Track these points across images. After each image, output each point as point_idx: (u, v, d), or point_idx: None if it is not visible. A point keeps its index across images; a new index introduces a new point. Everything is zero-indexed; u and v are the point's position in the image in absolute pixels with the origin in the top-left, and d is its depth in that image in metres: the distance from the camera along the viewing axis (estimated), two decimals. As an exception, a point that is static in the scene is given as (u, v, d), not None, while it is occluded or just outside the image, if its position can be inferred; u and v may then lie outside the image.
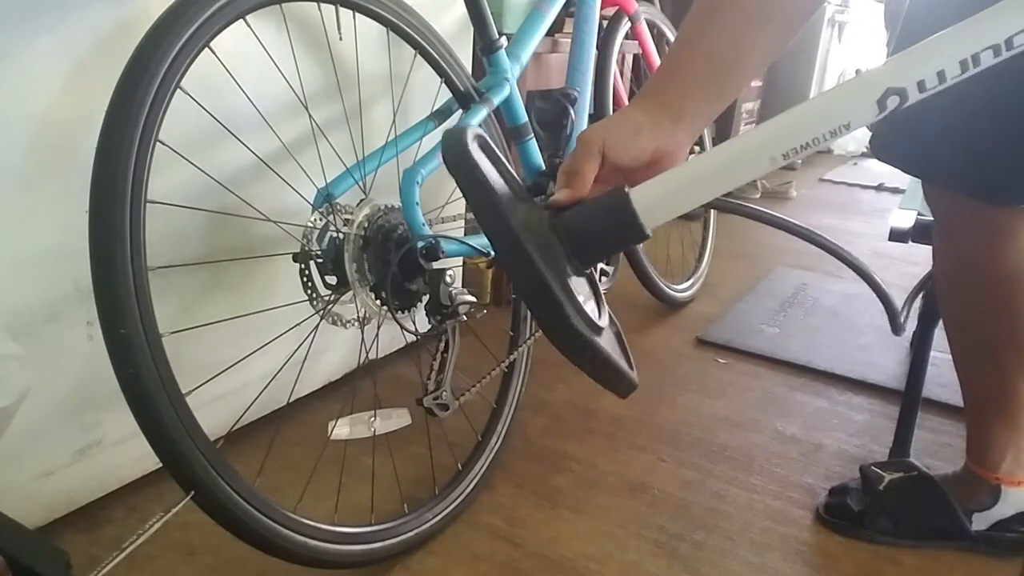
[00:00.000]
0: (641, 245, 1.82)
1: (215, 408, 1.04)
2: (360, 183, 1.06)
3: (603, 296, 0.66)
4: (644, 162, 0.64)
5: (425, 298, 1.06)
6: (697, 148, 2.08)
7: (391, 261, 1.02)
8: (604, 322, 0.60)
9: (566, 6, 1.41)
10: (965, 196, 0.94)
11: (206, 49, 0.85)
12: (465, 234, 1.29)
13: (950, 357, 1.11)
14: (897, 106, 0.52)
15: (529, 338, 1.32)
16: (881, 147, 1.00)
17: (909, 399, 1.29)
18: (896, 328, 1.12)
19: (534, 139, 1.30)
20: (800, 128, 0.54)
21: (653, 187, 0.58)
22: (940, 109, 0.84)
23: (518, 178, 0.64)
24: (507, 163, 0.63)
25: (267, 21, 1.07)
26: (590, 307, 0.58)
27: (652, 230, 0.58)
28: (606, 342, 0.59)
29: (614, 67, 1.74)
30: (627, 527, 1.14)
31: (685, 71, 0.67)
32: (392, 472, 1.18)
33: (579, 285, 0.58)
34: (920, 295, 1.30)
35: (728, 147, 0.57)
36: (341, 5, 1.08)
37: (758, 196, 3.38)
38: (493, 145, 0.62)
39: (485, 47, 1.19)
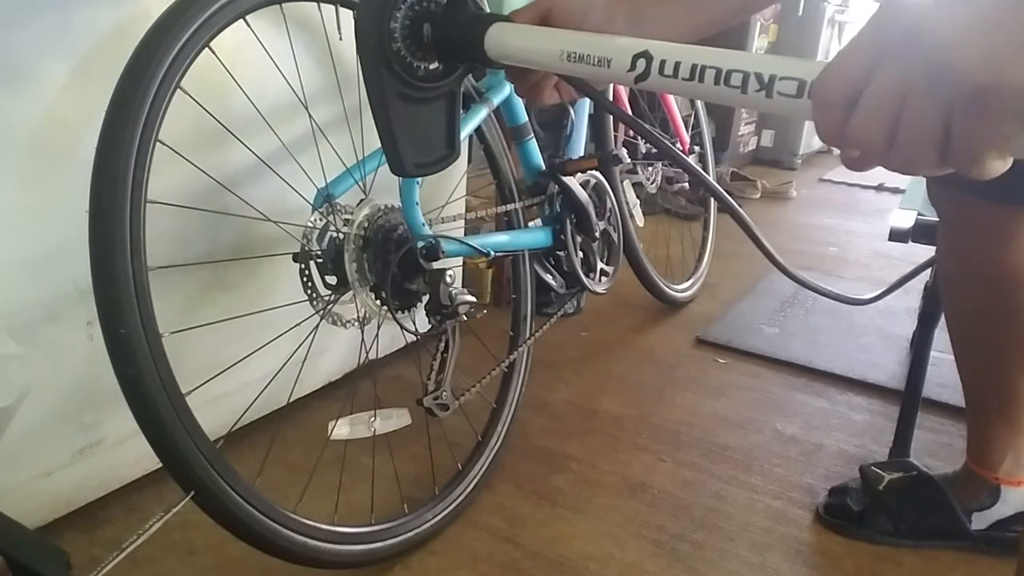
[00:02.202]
0: (640, 245, 1.82)
1: (215, 408, 1.04)
2: (360, 183, 1.06)
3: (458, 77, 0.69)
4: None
5: (425, 298, 1.06)
6: (698, 148, 2.09)
7: (391, 261, 1.02)
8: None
9: (566, 6, 1.41)
10: (973, 196, 0.94)
11: (206, 49, 0.85)
12: (465, 234, 1.29)
13: (950, 357, 1.11)
14: (643, 71, 0.54)
15: (529, 338, 1.32)
16: None
17: (909, 399, 1.29)
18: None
19: (534, 139, 1.30)
20: (595, 49, 0.58)
21: (515, 29, 0.62)
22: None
23: None
24: None
25: (267, 21, 1.07)
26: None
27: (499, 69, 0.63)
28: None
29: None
30: (627, 527, 1.14)
31: None
32: (392, 472, 1.18)
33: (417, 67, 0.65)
34: (922, 291, 1.31)
35: (567, 36, 0.61)
36: (341, 5, 1.08)
37: (758, 196, 3.38)
38: None
39: (485, 47, 1.18)
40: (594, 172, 1.36)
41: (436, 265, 1.03)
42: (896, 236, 1.14)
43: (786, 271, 1.50)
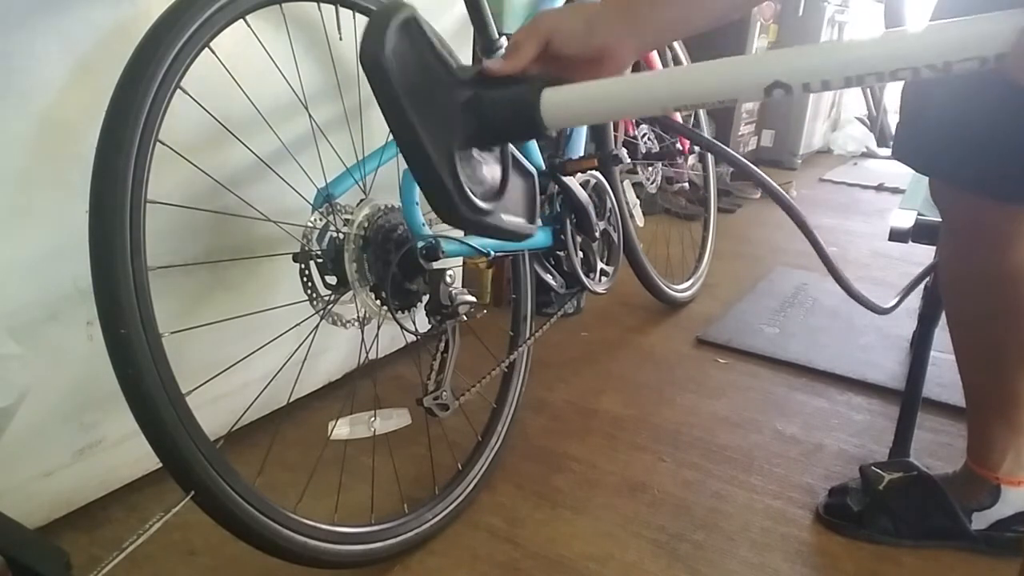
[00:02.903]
0: (640, 245, 1.82)
1: (215, 408, 1.04)
2: (360, 183, 1.06)
3: (510, 164, 0.71)
4: (586, 58, 0.65)
5: (425, 298, 1.06)
6: (698, 148, 2.09)
7: (391, 261, 1.02)
8: (492, 204, 0.65)
9: (566, 6, 1.41)
10: (977, 196, 0.94)
11: (206, 49, 0.85)
12: (465, 234, 1.29)
13: (950, 357, 1.11)
14: (782, 97, 0.55)
15: (529, 338, 1.32)
16: (900, 149, 1.00)
17: (909, 399, 1.29)
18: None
19: (534, 139, 1.30)
20: (696, 89, 0.58)
21: (565, 92, 0.61)
22: (956, 108, 0.84)
23: (451, 58, 0.66)
24: (438, 42, 0.65)
25: (267, 21, 1.07)
26: (491, 179, 0.66)
27: (553, 131, 0.63)
28: (505, 201, 0.67)
29: (614, 67, 1.74)
30: (627, 527, 1.14)
31: None
32: (392, 472, 1.18)
33: (479, 159, 0.65)
34: (922, 291, 1.31)
35: (636, 80, 0.61)
36: (341, 5, 1.08)
37: (758, 196, 3.38)
38: (423, 24, 0.64)
39: (485, 47, 1.19)
40: (594, 172, 1.36)
41: (436, 265, 1.03)
42: (896, 236, 1.15)
43: (838, 277, 1.49)
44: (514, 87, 0.64)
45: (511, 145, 0.72)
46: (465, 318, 1.05)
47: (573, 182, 1.29)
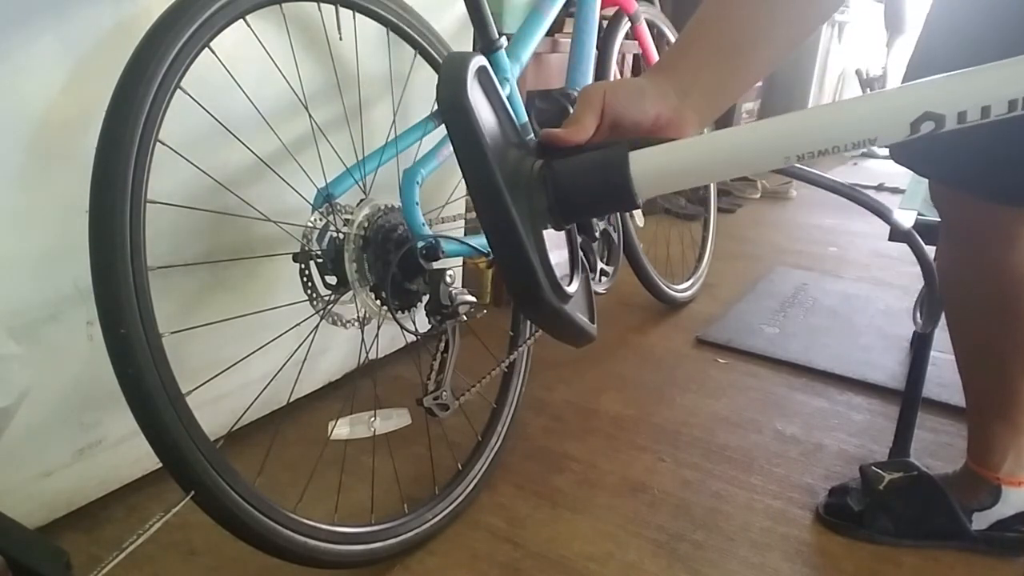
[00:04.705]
0: (640, 245, 1.82)
1: (215, 408, 1.05)
2: (360, 183, 1.06)
3: (579, 253, 0.63)
4: (645, 127, 0.62)
5: (425, 298, 1.06)
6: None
7: (391, 261, 1.02)
8: (574, 287, 0.58)
9: (566, 6, 1.41)
10: (976, 197, 0.94)
11: (206, 49, 0.85)
12: (465, 234, 1.29)
13: (950, 357, 1.11)
14: (931, 131, 0.48)
15: (529, 338, 1.32)
16: (899, 152, 1.00)
17: (909, 399, 1.29)
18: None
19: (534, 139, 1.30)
20: (824, 132, 0.50)
21: (656, 154, 0.54)
22: None
23: (514, 117, 0.61)
24: (504, 99, 0.60)
25: (267, 21, 1.07)
26: (563, 264, 0.56)
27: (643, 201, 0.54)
28: (573, 299, 0.57)
29: (614, 67, 1.74)
30: (627, 527, 1.14)
31: (698, 46, 0.65)
32: (392, 472, 1.18)
33: (557, 240, 0.56)
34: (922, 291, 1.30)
35: (743, 132, 0.53)
36: (341, 5, 1.08)
37: (758, 196, 3.38)
38: (493, 76, 0.59)
39: (485, 47, 1.19)
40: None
41: (436, 265, 1.03)
42: (896, 236, 1.14)
43: None
44: (594, 154, 0.56)
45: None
46: (465, 318, 1.05)
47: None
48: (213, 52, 0.88)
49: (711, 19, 0.66)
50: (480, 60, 0.56)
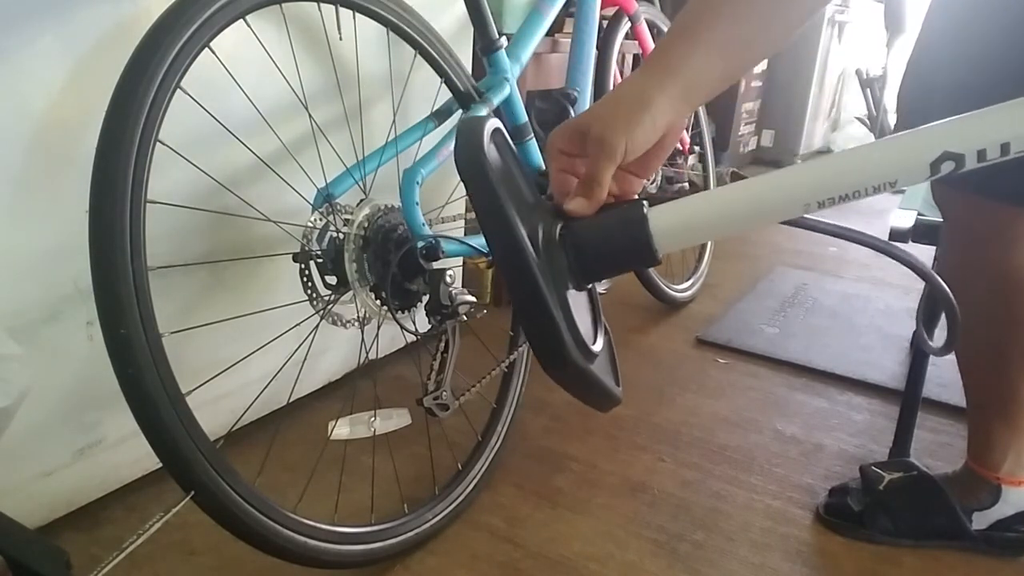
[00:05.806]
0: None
1: (215, 408, 1.05)
2: (360, 183, 1.06)
3: (601, 311, 0.63)
4: (652, 147, 0.61)
5: (425, 298, 1.06)
6: (698, 148, 2.09)
7: (391, 261, 1.02)
8: (599, 346, 0.57)
9: (566, 6, 1.41)
10: (979, 196, 0.94)
11: (206, 49, 0.85)
12: (465, 234, 1.29)
13: (950, 357, 1.11)
14: (951, 171, 0.48)
15: (529, 338, 1.32)
16: None
17: (909, 399, 1.29)
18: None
19: (534, 139, 1.30)
20: (844, 178, 0.50)
21: (673, 211, 0.54)
22: (958, 110, 0.84)
23: (527, 176, 0.61)
24: (518, 159, 0.60)
25: (267, 21, 1.07)
26: (586, 325, 0.56)
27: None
28: (597, 360, 0.56)
29: (614, 67, 1.74)
30: (627, 527, 1.14)
31: (706, 47, 0.63)
32: (392, 472, 1.18)
33: (578, 300, 0.55)
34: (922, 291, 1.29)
35: (762, 183, 0.53)
36: (341, 5, 1.08)
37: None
38: (507, 137, 0.59)
39: (485, 47, 1.19)
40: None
41: (436, 265, 1.03)
42: (896, 236, 1.14)
43: None
44: (611, 213, 0.56)
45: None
46: (465, 318, 1.05)
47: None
48: (213, 52, 0.88)
49: (711, 17, 0.66)
50: (495, 123, 0.56)
